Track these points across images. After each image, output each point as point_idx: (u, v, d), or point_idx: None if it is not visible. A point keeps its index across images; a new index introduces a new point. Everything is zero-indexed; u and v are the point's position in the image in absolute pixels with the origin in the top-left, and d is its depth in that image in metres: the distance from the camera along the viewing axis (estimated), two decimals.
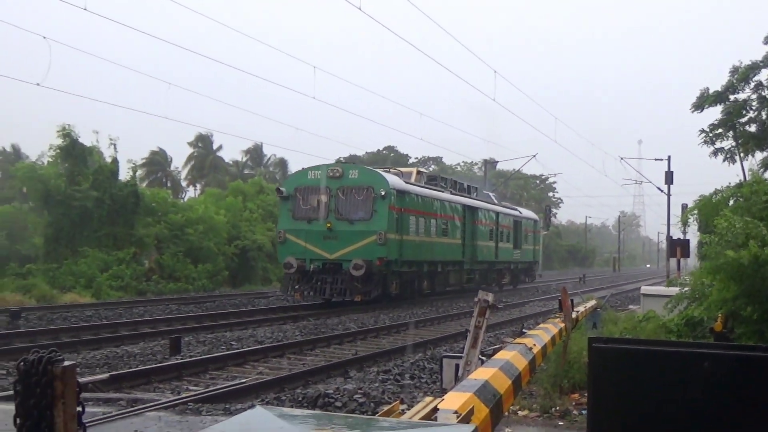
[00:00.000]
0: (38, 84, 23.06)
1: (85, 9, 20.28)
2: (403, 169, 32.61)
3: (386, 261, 25.21)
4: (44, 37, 22.51)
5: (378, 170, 27.22)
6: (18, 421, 2.65)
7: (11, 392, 2.69)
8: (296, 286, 25.85)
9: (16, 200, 44.66)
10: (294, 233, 25.95)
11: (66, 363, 2.69)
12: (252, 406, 2.48)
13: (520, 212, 46.96)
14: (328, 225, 25.33)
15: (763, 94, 21.55)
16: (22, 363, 2.68)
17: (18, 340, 16.19)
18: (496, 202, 43.25)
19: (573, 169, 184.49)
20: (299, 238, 25.71)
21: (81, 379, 2.76)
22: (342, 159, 75.49)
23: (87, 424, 2.77)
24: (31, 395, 2.65)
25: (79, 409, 2.74)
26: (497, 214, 39.71)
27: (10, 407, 2.73)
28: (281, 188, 27.50)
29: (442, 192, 32.75)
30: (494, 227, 38.78)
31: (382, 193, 25.10)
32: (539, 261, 53.26)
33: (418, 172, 33.71)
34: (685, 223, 19.15)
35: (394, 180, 26.83)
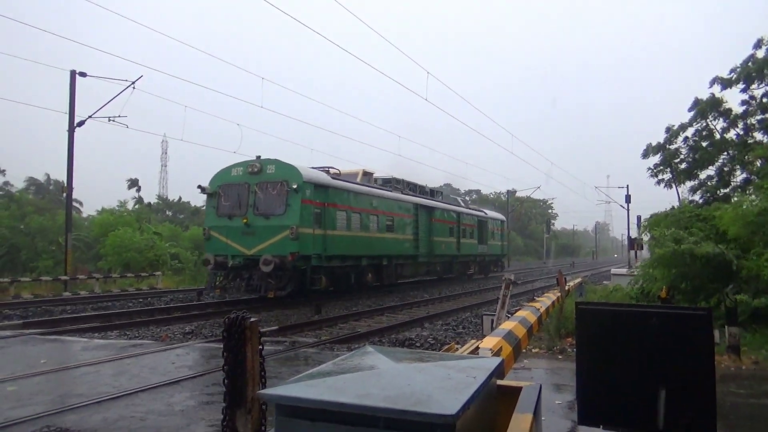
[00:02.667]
0: (234, 152, 24.04)
1: (261, 106, 21.11)
2: (347, 170, 22.87)
3: (300, 256, 16.61)
4: (238, 124, 23.52)
5: (297, 165, 17.81)
6: (224, 354, 2.74)
7: (220, 337, 2.79)
8: (217, 283, 17.50)
9: None
10: (217, 230, 17.83)
11: (252, 319, 2.78)
12: (364, 345, 2.51)
13: (486, 213, 36.12)
14: (245, 220, 17.22)
15: (689, 144, 21.08)
16: (226, 319, 2.78)
17: (225, 307, 16.71)
18: (462, 205, 33.98)
19: (564, 194, 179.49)
20: (221, 235, 17.65)
21: (261, 329, 2.83)
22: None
23: (265, 356, 2.85)
24: (231, 338, 2.74)
25: (261, 347, 2.82)
26: (458, 213, 30.04)
27: (219, 346, 2.85)
28: (204, 186, 18.56)
29: (390, 191, 23.35)
30: (455, 225, 29.30)
31: (294, 186, 16.80)
32: (506, 254, 42.34)
33: (365, 174, 24.19)
34: (640, 230, 19.54)
35: (311, 174, 18.07)
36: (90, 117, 23.07)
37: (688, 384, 3.28)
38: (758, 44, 18.50)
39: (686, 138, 21.15)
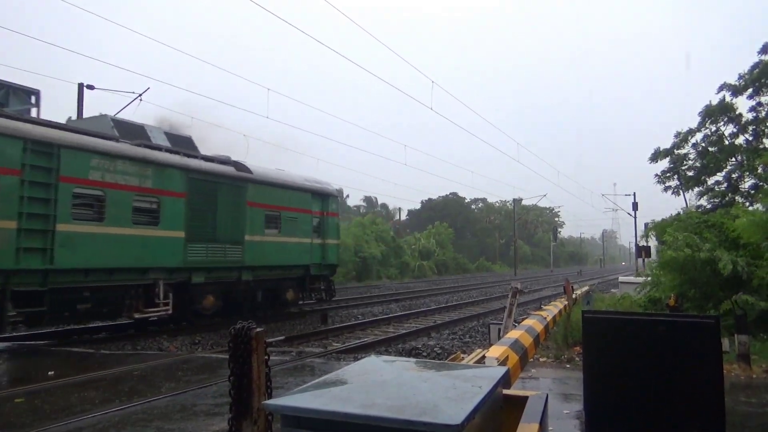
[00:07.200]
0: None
1: (267, 117, 21.09)
2: None
3: None
4: (244, 135, 23.02)
5: None
6: (230, 364, 2.75)
7: (227, 348, 2.80)
8: None
9: None
10: None
11: (258, 329, 2.79)
12: (370, 355, 2.48)
13: (258, 174, 14.94)
14: None
15: (698, 150, 21.03)
16: (233, 329, 2.80)
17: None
18: (167, 144, 12.62)
19: (571, 202, 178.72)
20: None
21: (267, 339, 2.84)
22: (422, 201, 74.99)
23: (271, 366, 2.86)
24: (238, 348, 2.75)
25: (267, 357, 2.83)
26: (108, 154, 10.58)
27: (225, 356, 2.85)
28: None
29: None
30: (100, 193, 10.54)
31: None
32: (337, 264, 18.81)
33: None
34: (646, 237, 19.54)
35: None
36: None
37: (696, 393, 3.26)
38: (764, 49, 18.46)
39: (695, 143, 21.16)
